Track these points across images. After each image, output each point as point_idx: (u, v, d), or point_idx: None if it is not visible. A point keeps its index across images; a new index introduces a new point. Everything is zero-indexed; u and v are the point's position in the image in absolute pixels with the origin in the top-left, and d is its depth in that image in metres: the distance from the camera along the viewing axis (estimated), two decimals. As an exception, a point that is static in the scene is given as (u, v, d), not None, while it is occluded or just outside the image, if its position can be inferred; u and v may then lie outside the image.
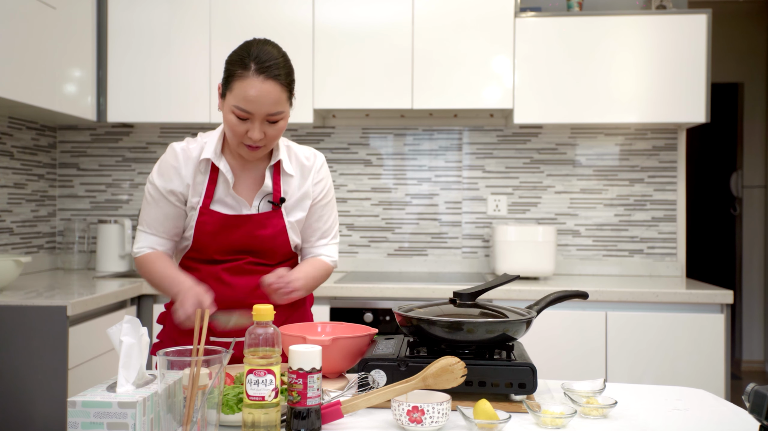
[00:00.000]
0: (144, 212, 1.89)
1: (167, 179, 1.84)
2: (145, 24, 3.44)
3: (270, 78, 1.70)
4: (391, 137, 3.79)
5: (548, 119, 3.40)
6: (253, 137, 1.73)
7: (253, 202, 1.86)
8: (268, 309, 1.27)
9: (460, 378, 1.42)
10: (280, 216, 1.87)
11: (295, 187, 1.90)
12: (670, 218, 3.70)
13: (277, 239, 1.87)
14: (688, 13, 3.34)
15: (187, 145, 1.86)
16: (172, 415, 1.21)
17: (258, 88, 1.69)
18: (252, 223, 1.84)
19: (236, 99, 1.71)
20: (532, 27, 3.37)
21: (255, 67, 1.70)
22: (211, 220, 1.83)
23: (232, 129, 1.75)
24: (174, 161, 1.84)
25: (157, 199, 1.85)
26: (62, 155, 3.85)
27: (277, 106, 1.73)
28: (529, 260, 3.35)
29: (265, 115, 1.72)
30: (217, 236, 1.84)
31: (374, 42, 3.38)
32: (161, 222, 1.87)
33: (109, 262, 3.61)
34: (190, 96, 3.44)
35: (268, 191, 1.87)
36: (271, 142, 1.78)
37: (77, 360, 2.53)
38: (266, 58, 1.71)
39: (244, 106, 1.70)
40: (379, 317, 3.10)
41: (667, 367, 3.03)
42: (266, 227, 1.85)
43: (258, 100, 1.70)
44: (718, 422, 1.46)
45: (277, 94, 1.72)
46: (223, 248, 1.86)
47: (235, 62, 1.73)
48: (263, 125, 1.73)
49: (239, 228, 1.84)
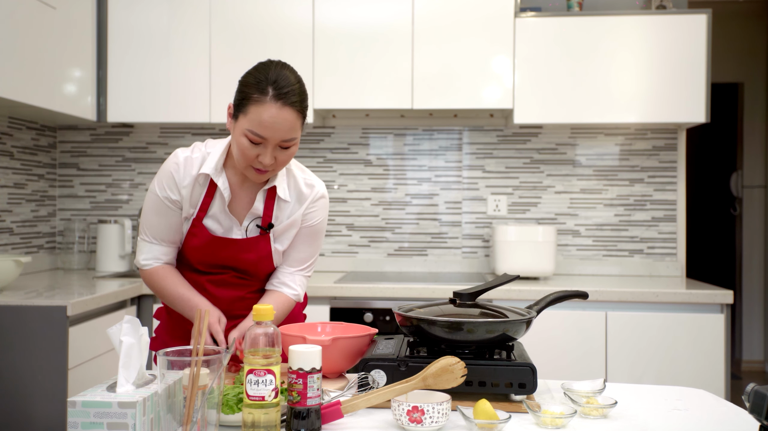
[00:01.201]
0: (146, 221, 1.86)
1: (167, 188, 1.82)
2: (145, 24, 3.44)
3: (287, 105, 1.67)
4: (391, 137, 3.79)
5: (548, 119, 3.40)
6: (264, 162, 1.70)
7: (243, 222, 1.85)
8: (268, 309, 1.27)
9: (460, 378, 1.42)
10: (267, 241, 1.85)
11: (287, 213, 1.86)
12: (670, 218, 3.70)
13: (260, 264, 1.87)
14: (688, 13, 3.34)
15: (191, 154, 1.83)
16: (172, 415, 1.21)
17: (275, 115, 1.66)
18: (237, 247, 1.83)
19: (251, 123, 1.67)
20: (532, 27, 3.37)
21: (273, 92, 1.66)
22: (200, 235, 1.83)
23: (243, 152, 1.71)
24: (175, 172, 1.82)
25: (159, 208, 1.83)
26: (62, 155, 3.85)
27: (292, 133, 1.69)
28: (529, 260, 3.34)
29: (279, 141, 1.69)
30: (202, 252, 1.84)
31: (374, 42, 3.38)
32: (165, 231, 1.85)
33: (109, 262, 3.61)
34: (190, 96, 3.44)
35: (257, 215, 1.84)
36: (280, 167, 1.75)
37: (77, 360, 2.53)
38: (284, 84, 1.67)
39: (259, 131, 1.67)
40: (379, 317, 3.10)
41: (667, 367, 3.03)
42: (251, 252, 1.84)
43: (274, 126, 1.66)
44: (718, 422, 1.46)
45: (292, 121, 1.68)
46: (208, 263, 1.87)
47: (251, 85, 1.69)
48: (275, 150, 1.70)
49: (225, 249, 1.84)
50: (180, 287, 1.85)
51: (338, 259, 3.75)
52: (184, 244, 1.86)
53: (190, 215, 1.83)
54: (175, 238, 1.87)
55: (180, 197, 1.82)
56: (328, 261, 3.76)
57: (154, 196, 1.83)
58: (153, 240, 1.86)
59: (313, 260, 1.96)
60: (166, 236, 1.85)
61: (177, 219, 1.84)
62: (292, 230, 1.88)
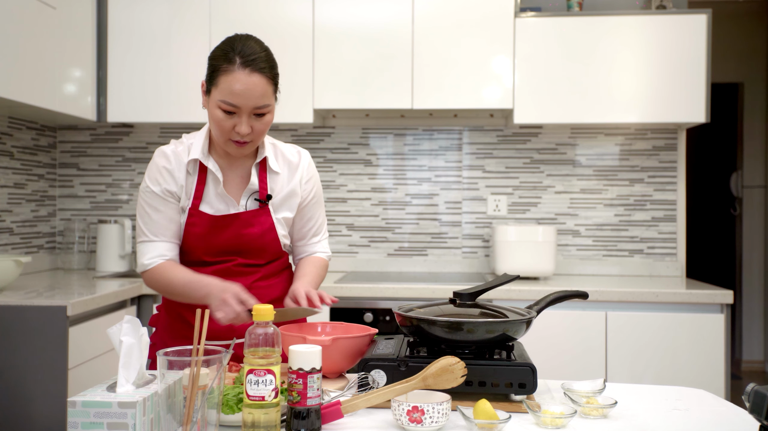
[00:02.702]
0: (144, 222, 1.84)
1: (163, 180, 1.82)
2: (145, 24, 3.44)
3: (256, 71, 1.71)
4: (391, 137, 3.79)
5: (548, 119, 3.40)
6: (241, 131, 1.73)
7: (240, 200, 1.86)
8: (268, 309, 1.27)
9: (460, 378, 1.42)
10: (267, 214, 1.86)
11: (282, 184, 1.89)
12: (670, 218, 3.70)
13: (265, 237, 1.86)
14: (688, 13, 3.34)
15: (175, 147, 1.86)
16: (172, 415, 1.21)
17: (244, 81, 1.70)
18: (239, 222, 1.84)
19: (222, 93, 1.71)
20: (532, 27, 3.37)
21: (240, 60, 1.70)
22: (200, 221, 1.82)
23: (219, 125, 1.75)
24: (167, 163, 1.83)
25: (157, 204, 1.82)
26: (62, 155, 3.85)
27: (264, 99, 1.73)
28: (529, 260, 3.34)
29: (252, 108, 1.72)
30: (205, 238, 1.84)
31: (374, 42, 3.38)
32: (166, 227, 1.84)
33: (109, 262, 3.61)
34: (190, 96, 3.44)
35: (254, 189, 1.86)
36: (258, 137, 1.78)
37: (77, 360, 2.53)
38: (250, 52, 1.73)
39: (231, 100, 1.71)
40: (379, 317, 3.10)
41: (667, 367, 3.03)
42: (253, 226, 1.85)
43: (245, 93, 1.70)
44: (718, 422, 1.46)
45: (263, 87, 1.72)
46: (212, 250, 1.85)
47: (219, 57, 1.74)
48: (250, 118, 1.74)
49: (227, 228, 1.83)
50: (189, 273, 1.82)
51: (338, 259, 3.75)
52: (185, 236, 1.85)
53: (186, 205, 1.83)
54: (175, 232, 1.86)
55: (177, 187, 1.83)
56: (328, 261, 3.76)
57: (149, 194, 1.83)
58: (154, 238, 1.84)
59: (325, 220, 2.04)
60: (167, 230, 1.84)
61: (175, 213, 1.84)
62: (292, 200, 1.90)
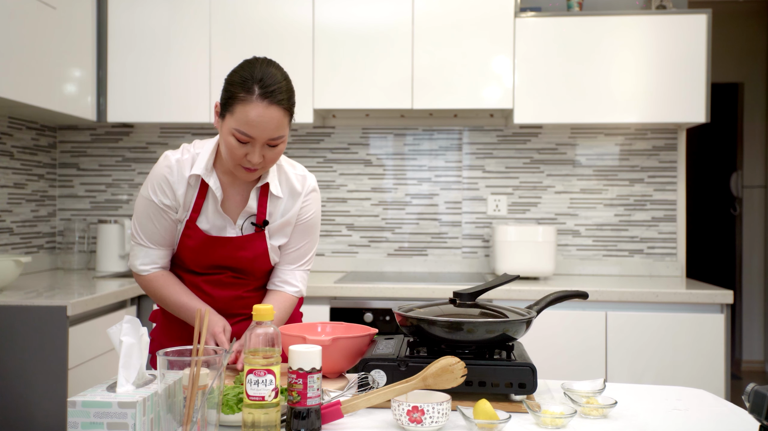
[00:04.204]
0: (140, 226, 1.84)
1: (162, 193, 1.80)
2: (145, 24, 3.44)
3: (274, 103, 1.65)
4: (391, 137, 3.79)
5: (548, 119, 3.40)
6: (253, 161, 1.69)
7: (237, 220, 1.84)
8: (268, 309, 1.27)
9: (460, 378, 1.42)
10: (262, 239, 1.84)
11: (281, 209, 1.86)
12: (670, 218, 3.70)
13: (257, 261, 1.86)
14: (688, 13, 3.34)
15: (181, 156, 1.81)
16: (172, 415, 1.21)
17: (261, 114, 1.64)
18: (233, 245, 1.83)
19: (238, 123, 1.66)
20: (532, 27, 3.37)
21: (259, 91, 1.65)
22: (195, 236, 1.82)
23: (231, 152, 1.70)
24: (169, 174, 1.80)
25: (153, 213, 1.82)
26: (62, 155, 3.85)
27: (279, 131, 1.68)
28: (529, 260, 3.34)
29: (267, 139, 1.68)
30: (198, 252, 1.83)
31: (374, 42, 3.38)
32: (161, 235, 1.84)
33: (109, 262, 3.60)
34: (190, 96, 3.44)
35: (252, 212, 1.84)
36: (269, 164, 1.74)
37: (77, 360, 2.53)
38: (270, 82, 1.66)
39: (246, 130, 1.66)
40: (379, 317, 3.10)
41: (667, 367, 3.03)
42: (247, 250, 1.83)
43: (261, 125, 1.65)
44: (718, 422, 1.46)
45: (279, 119, 1.67)
46: (203, 264, 1.86)
47: (237, 84, 1.67)
48: (263, 148, 1.69)
49: (220, 249, 1.83)
50: (182, 295, 1.83)
51: (338, 259, 3.75)
52: (179, 245, 1.85)
53: (183, 217, 1.82)
54: (170, 241, 1.86)
55: (174, 201, 1.80)
56: (328, 261, 3.76)
57: (147, 201, 1.81)
58: (149, 245, 1.84)
59: (312, 254, 1.96)
60: (162, 239, 1.84)
61: (171, 224, 1.83)
62: (287, 227, 1.88)
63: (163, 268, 1.88)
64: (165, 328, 1.97)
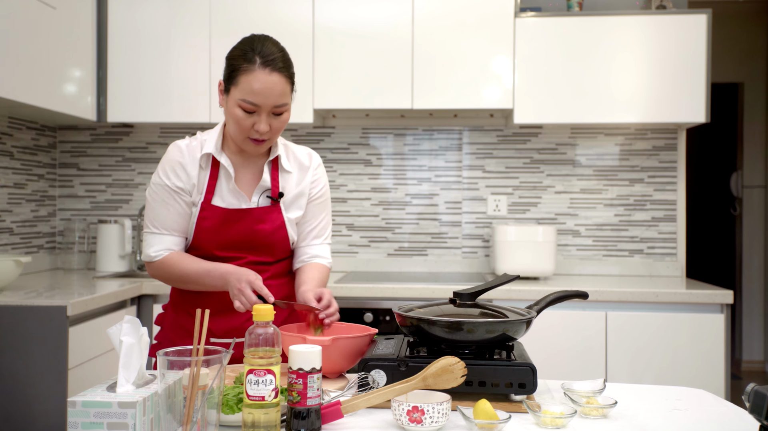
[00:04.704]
0: (153, 214, 1.87)
1: (175, 176, 1.85)
2: (145, 24, 3.44)
3: (275, 71, 1.75)
4: (391, 137, 3.79)
5: (548, 119, 3.40)
6: (260, 130, 1.76)
7: (252, 197, 1.88)
8: (268, 309, 1.27)
9: (460, 378, 1.42)
10: (278, 211, 1.89)
11: (293, 183, 1.92)
12: (670, 218, 3.70)
13: (276, 234, 1.88)
14: (688, 13, 3.34)
15: (189, 142, 1.89)
16: (172, 415, 1.21)
17: (264, 80, 1.74)
18: (251, 217, 1.86)
19: (243, 93, 1.75)
20: (532, 27, 3.37)
21: (260, 61, 1.74)
22: (212, 215, 1.84)
23: (238, 123, 1.77)
24: (180, 157, 1.85)
25: (166, 198, 1.85)
26: (62, 155, 3.85)
27: (283, 98, 1.77)
28: (529, 260, 3.34)
29: (272, 107, 1.76)
30: (217, 232, 1.85)
31: (374, 42, 3.38)
32: (174, 221, 1.86)
33: (109, 262, 3.61)
34: (190, 96, 3.44)
35: (266, 187, 1.89)
36: (275, 135, 1.82)
37: (77, 360, 2.53)
38: (269, 52, 1.76)
39: (251, 99, 1.74)
40: (379, 317, 3.10)
41: (667, 367, 3.03)
42: (265, 222, 1.87)
43: (265, 92, 1.74)
44: (718, 422, 1.46)
45: (282, 86, 1.77)
46: (223, 244, 1.86)
47: (238, 57, 1.77)
48: (269, 117, 1.78)
49: (239, 223, 1.85)
50: (201, 262, 1.85)
51: (338, 259, 3.75)
52: (197, 230, 1.86)
53: (197, 200, 1.85)
54: (183, 227, 1.88)
55: (188, 182, 1.85)
56: (328, 261, 3.76)
57: (159, 187, 1.86)
58: (162, 231, 1.87)
59: (331, 226, 2.04)
60: (175, 225, 1.87)
61: (184, 208, 1.86)
62: (301, 200, 1.93)
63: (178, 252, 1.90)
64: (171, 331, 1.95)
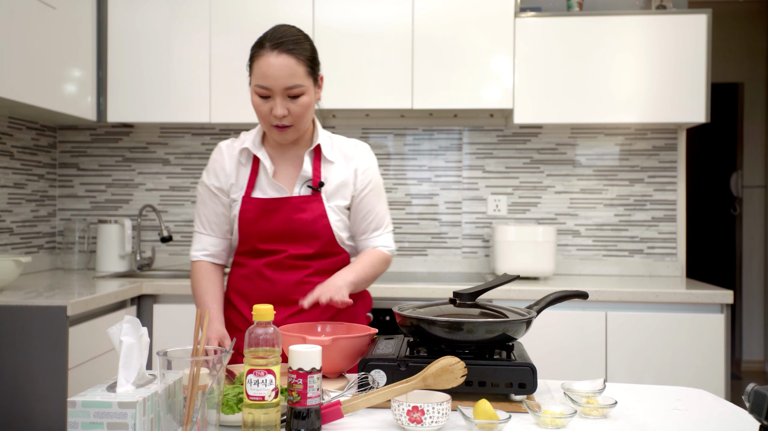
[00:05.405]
0: (197, 212, 1.96)
1: (214, 176, 1.91)
2: (145, 24, 3.44)
3: (284, 52, 1.75)
4: (391, 137, 3.79)
5: (548, 119, 3.40)
6: (277, 114, 1.77)
7: (294, 189, 1.89)
8: (268, 309, 1.27)
9: (460, 378, 1.42)
10: (319, 200, 1.88)
11: (335, 173, 1.91)
12: (670, 218, 3.70)
13: (316, 224, 1.88)
14: (688, 13, 3.34)
15: (231, 142, 1.93)
16: (172, 415, 1.21)
17: (272, 63, 1.75)
18: (290, 206, 1.86)
19: (256, 78, 1.78)
20: (532, 27, 3.37)
21: (269, 44, 1.77)
22: (251, 207, 1.87)
23: (257, 110, 1.80)
24: (219, 158, 1.91)
25: (206, 197, 1.92)
26: (62, 155, 3.85)
27: (293, 79, 1.76)
28: (529, 260, 3.34)
29: (283, 89, 1.76)
30: (257, 223, 1.87)
31: (374, 42, 3.38)
32: (212, 221, 1.93)
33: (109, 262, 3.61)
34: (190, 96, 3.44)
35: (307, 177, 1.89)
36: (298, 120, 1.81)
37: (77, 360, 2.53)
38: (281, 35, 1.77)
39: (261, 82, 1.76)
40: (379, 318, 3.10)
41: (667, 367, 3.03)
42: (305, 211, 1.87)
43: (272, 74, 1.75)
44: (718, 422, 1.46)
45: (291, 67, 1.76)
46: (264, 235, 1.88)
47: (254, 45, 1.81)
48: (285, 100, 1.77)
49: (277, 212, 1.86)
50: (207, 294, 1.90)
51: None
52: (240, 224, 1.89)
53: (239, 196, 1.89)
54: (222, 227, 1.93)
55: (224, 182, 1.89)
56: (328, 261, 3.76)
57: (201, 186, 1.94)
58: (202, 230, 1.95)
59: (389, 216, 2.03)
60: (213, 225, 1.93)
61: (222, 207, 1.91)
62: (344, 190, 1.92)
63: (213, 257, 1.96)
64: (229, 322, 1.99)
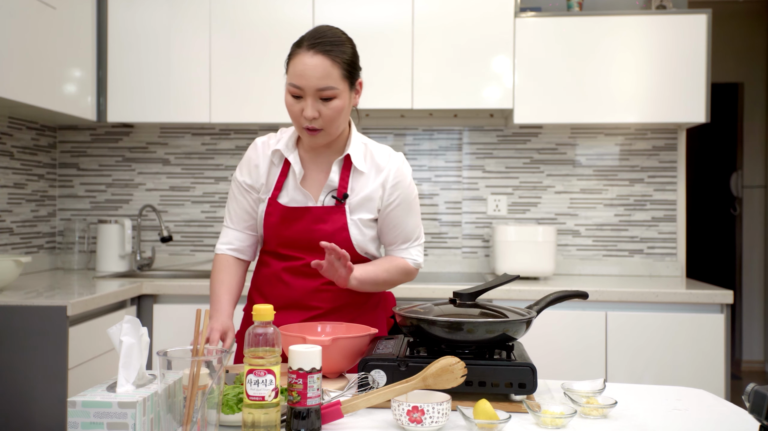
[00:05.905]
0: (227, 207, 1.96)
1: (247, 173, 1.90)
2: (145, 24, 3.44)
3: (319, 52, 1.71)
4: (391, 137, 3.79)
5: (548, 119, 3.40)
6: (307, 115, 1.73)
7: (319, 197, 1.86)
8: (268, 309, 1.27)
9: (460, 378, 1.42)
10: (342, 212, 1.84)
11: (363, 185, 1.86)
12: (670, 218, 3.69)
13: (336, 236, 1.83)
14: (688, 13, 3.34)
15: (267, 140, 1.91)
16: (172, 415, 1.21)
17: (306, 62, 1.71)
18: (311, 216, 1.83)
19: (290, 76, 1.75)
20: (532, 27, 3.37)
21: (307, 43, 1.73)
22: (274, 211, 1.86)
23: (288, 109, 1.77)
24: (254, 155, 1.90)
25: (237, 193, 1.92)
26: (62, 155, 3.85)
27: (326, 81, 1.71)
28: (529, 260, 3.34)
29: (315, 90, 1.71)
30: (278, 229, 1.86)
31: (374, 42, 3.38)
32: (240, 215, 1.93)
33: (109, 262, 3.61)
34: (190, 96, 3.44)
35: (333, 186, 1.85)
36: (329, 124, 1.76)
37: (77, 360, 2.53)
38: (319, 35, 1.74)
39: (295, 81, 1.73)
40: (379, 317, 3.09)
41: (667, 367, 3.03)
42: (326, 222, 1.83)
43: (305, 73, 1.71)
44: (718, 422, 1.46)
45: (325, 68, 1.71)
46: (285, 242, 1.87)
47: (294, 44, 1.77)
48: (316, 102, 1.73)
49: (298, 221, 1.84)
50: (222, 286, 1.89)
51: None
52: (264, 226, 1.88)
53: (266, 196, 1.88)
54: (249, 223, 1.93)
55: (255, 180, 1.89)
56: (328, 261, 3.76)
57: (234, 181, 1.94)
58: (229, 224, 1.95)
59: (420, 228, 1.99)
60: (241, 220, 1.93)
61: (251, 204, 1.91)
62: (370, 203, 1.86)
63: (238, 251, 1.94)
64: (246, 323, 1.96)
